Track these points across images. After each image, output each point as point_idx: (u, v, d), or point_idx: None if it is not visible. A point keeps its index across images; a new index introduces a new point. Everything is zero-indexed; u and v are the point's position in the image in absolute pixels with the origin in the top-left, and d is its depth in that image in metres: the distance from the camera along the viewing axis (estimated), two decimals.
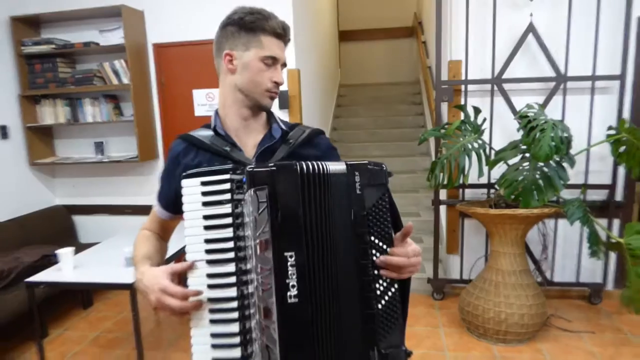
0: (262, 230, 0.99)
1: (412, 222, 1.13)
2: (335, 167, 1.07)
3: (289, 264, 1.00)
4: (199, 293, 1.03)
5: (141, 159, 3.75)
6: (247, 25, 1.18)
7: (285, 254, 1.00)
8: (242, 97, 1.22)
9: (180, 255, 2.70)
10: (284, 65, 1.24)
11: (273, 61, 1.20)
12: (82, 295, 3.78)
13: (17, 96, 3.79)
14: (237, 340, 1.02)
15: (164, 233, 1.38)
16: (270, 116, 1.29)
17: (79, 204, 4.25)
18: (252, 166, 1.02)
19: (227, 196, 1.02)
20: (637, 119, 3.31)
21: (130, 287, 2.41)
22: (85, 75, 3.72)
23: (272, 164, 1.03)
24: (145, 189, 4.12)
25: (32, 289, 2.54)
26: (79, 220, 4.26)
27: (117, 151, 4.08)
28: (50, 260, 3.36)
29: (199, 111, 3.85)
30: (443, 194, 3.61)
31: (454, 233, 3.67)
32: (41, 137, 4.02)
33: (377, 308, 1.06)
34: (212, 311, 1.03)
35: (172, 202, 1.29)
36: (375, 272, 1.07)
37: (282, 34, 1.21)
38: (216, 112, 1.28)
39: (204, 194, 1.03)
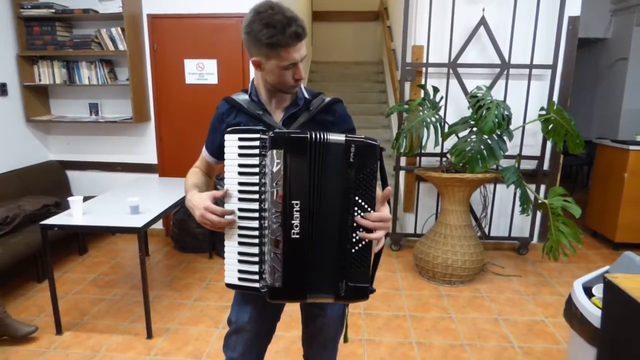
0: (276, 182, 1.20)
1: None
2: (336, 137, 1.21)
3: (294, 209, 1.21)
4: (232, 212, 1.27)
5: (136, 120, 3.77)
6: (264, 41, 1.23)
7: (292, 202, 1.20)
8: (270, 86, 1.38)
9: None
10: (304, 57, 1.32)
11: (293, 65, 1.30)
12: (78, 243, 3.84)
13: (15, 56, 3.72)
14: (256, 258, 1.28)
15: (209, 171, 1.60)
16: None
17: (72, 159, 4.22)
18: (274, 131, 1.20)
19: (256, 151, 1.23)
20: (564, 102, 3.64)
21: (137, 231, 2.43)
22: (84, 40, 3.67)
23: (289, 131, 1.22)
24: (138, 148, 4.12)
25: (45, 231, 2.50)
26: (72, 174, 4.24)
27: (110, 112, 4.05)
28: (49, 210, 3.41)
29: (190, 79, 3.87)
30: (403, 161, 3.87)
31: (410, 195, 3.94)
32: (37, 96, 3.96)
33: (350, 251, 1.24)
34: (240, 236, 1.29)
35: (216, 150, 1.50)
36: (355, 224, 1.23)
37: (298, 39, 1.25)
38: (252, 81, 1.43)
39: (240, 147, 1.25)
